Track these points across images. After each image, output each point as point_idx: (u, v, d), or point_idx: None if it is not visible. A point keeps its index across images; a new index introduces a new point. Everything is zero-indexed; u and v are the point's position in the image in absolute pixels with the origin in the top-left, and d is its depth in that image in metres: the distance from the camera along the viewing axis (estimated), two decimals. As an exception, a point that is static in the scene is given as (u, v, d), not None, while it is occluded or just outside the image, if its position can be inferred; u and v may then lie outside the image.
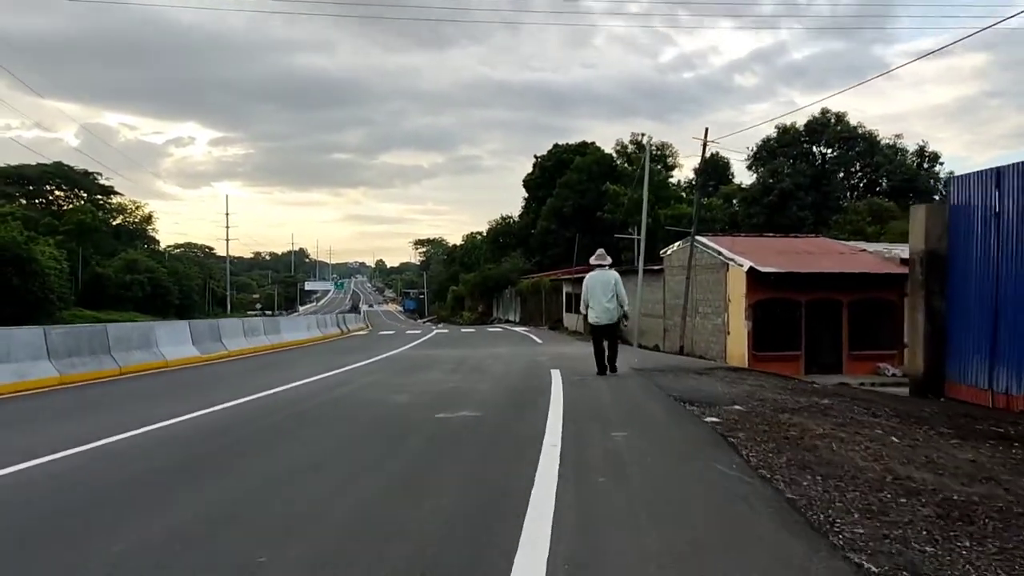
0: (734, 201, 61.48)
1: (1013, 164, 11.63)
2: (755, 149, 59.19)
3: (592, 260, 13.28)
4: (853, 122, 57.18)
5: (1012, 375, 11.56)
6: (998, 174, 12.03)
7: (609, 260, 13.34)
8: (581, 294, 13.16)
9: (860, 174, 58.12)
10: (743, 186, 63.78)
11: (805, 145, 58.09)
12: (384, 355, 19.31)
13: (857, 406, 9.88)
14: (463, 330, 41.50)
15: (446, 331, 40.20)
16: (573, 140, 73.26)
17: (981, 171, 12.58)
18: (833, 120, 57.09)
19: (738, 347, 25.43)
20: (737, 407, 8.91)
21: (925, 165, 56.56)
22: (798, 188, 54.16)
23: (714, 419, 7.94)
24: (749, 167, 59.21)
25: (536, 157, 76.53)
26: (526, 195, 77.79)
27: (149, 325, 17.64)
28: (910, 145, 57.56)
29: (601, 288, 12.72)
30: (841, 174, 58.28)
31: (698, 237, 27.78)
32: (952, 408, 11.14)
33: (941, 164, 56.70)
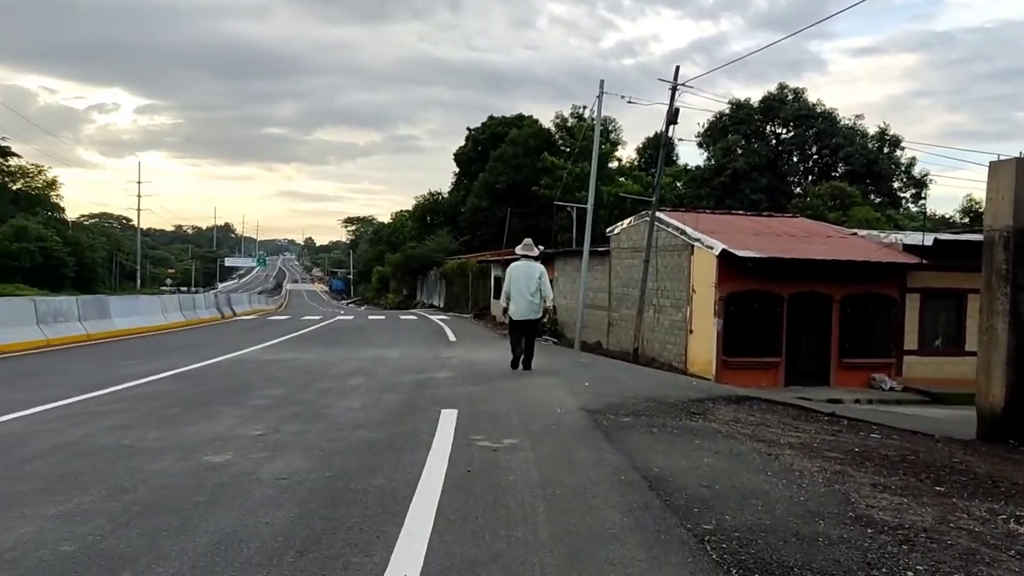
0: (678, 184, 56.50)
1: None
2: (706, 126, 54.20)
3: (518, 250, 12.08)
4: (812, 99, 52.59)
5: None
6: None
7: (536, 251, 12.04)
8: (504, 284, 11.85)
9: (817, 156, 53.56)
10: (689, 167, 58.88)
11: (759, 123, 53.28)
12: (208, 361, 13.12)
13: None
14: (372, 317, 35.21)
15: (350, 318, 33.88)
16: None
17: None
18: (791, 97, 52.40)
19: (703, 351, 20.12)
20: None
21: (886, 149, 52.26)
22: (752, 169, 49.32)
23: None
24: (700, 145, 54.21)
25: (469, 130, 70.18)
26: (457, 170, 71.52)
27: None
28: (870, 128, 53.24)
29: (525, 281, 11.45)
30: (797, 156, 53.74)
31: (657, 212, 22.21)
32: None
33: (902, 149, 52.52)
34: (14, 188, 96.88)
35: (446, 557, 3.58)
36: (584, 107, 60.83)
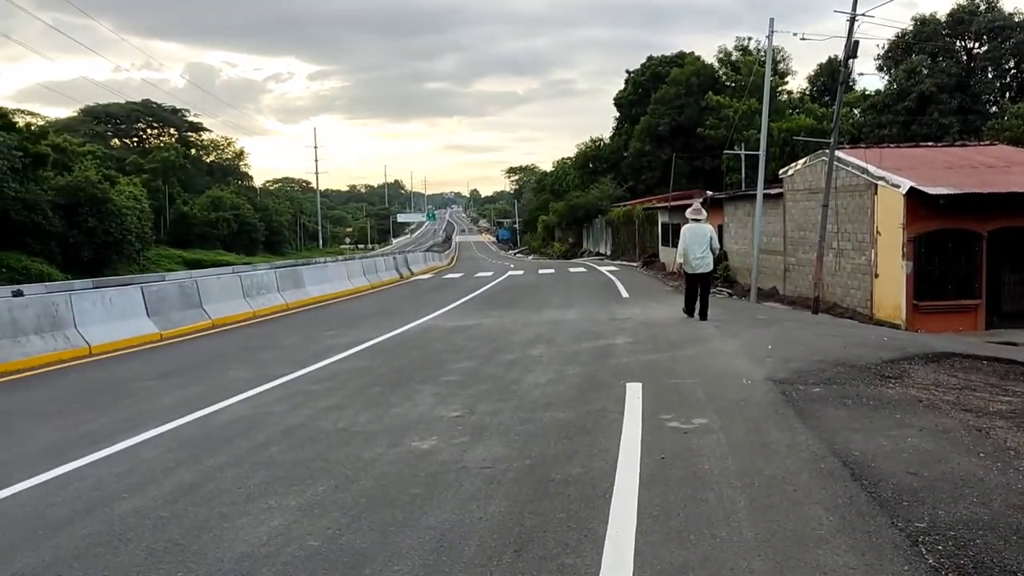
0: (856, 111, 52.98)
1: None
2: (886, 47, 50.25)
3: (688, 214, 14.10)
4: (1008, 9, 47.52)
5: None
6: None
7: (704, 215, 14.18)
8: (679, 244, 13.96)
9: (1015, 71, 48.55)
10: (868, 93, 54.94)
11: (948, 39, 48.79)
12: (398, 330, 13.88)
13: None
14: (542, 271, 35.71)
15: (520, 273, 34.54)
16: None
17: None
18: (983, 7, 47.56)
19: (891, 295, 19.07)
20: None
21: (1100, 56, 46.53)
22: (940, 90, 45.36)
23: None
24: (880, 68, 50.43)
25: (628, 72, 68.74)
26: (617, 115, 70.44)
27: (63, 298, 12.73)
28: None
29: (697, 241, 13.47)
30: (992, 73, 48.93)
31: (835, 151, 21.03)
32: None
33: (1119, 55, 46.48)
34: (207, 161, 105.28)
35: (655, 560, 3.74)
36: (749, 38, 58.14)
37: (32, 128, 52.63)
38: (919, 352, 10.21)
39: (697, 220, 13.72)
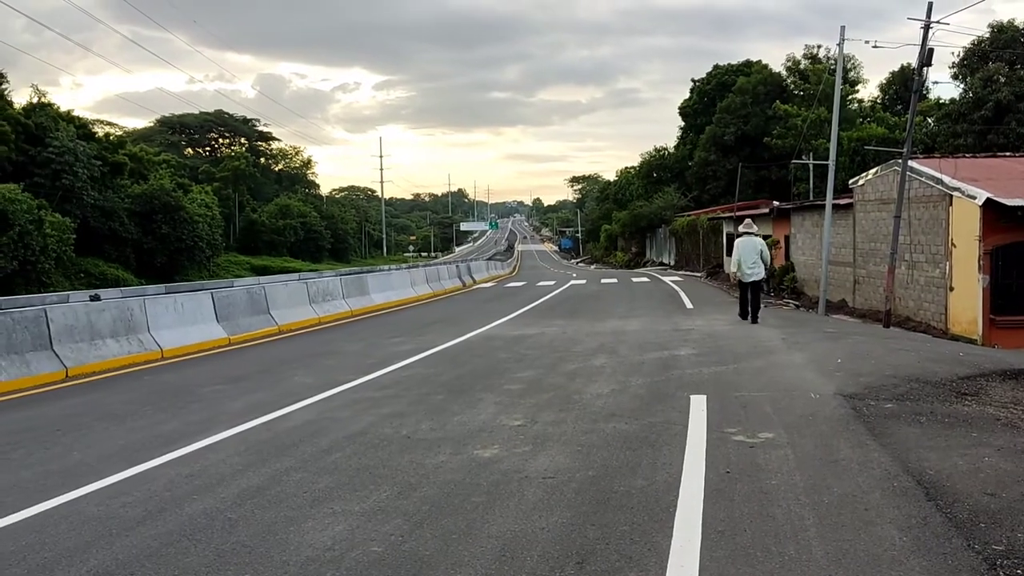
0: (930, 120, 51.45)
1: None
2: (962, 55, 48.71)
3: (741, 228, 15.66)
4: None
5: None
6: None
7: (756, 228, 15.86)
8: (732, 254, 15.83)
9: (1102, 77, 46.54)
10: (942, 101, 53.32)
11: (1028, 45, 47.07)
12: (461, 338, 13.94)
13: None
14: (604, 280, 35.54)
15: (583, 282, 34.42)
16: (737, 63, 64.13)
17: None
18: (1067, 10, 45.83)
19: (966, 309, 18.44)
20: None
21: None
22: (1018, 99, 43.79)
23: None
24: (955, 76, 48.91)
25: (694, 81, 68.15)
26: (682, 124, 69.85)
27: (137, 303, 13.14)
28: None
29: (750, 252, 14.98)
30: (1076, 79, 47.00)
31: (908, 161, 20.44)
32: None
33: None
34: (276, 169, 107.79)
35: (720, 576, 3.67)
36: (819, 46, 57.01)
37: (110, 138, 54.61)
38: (996, 368, 9.84)
39: (749, 233, 15.30)
